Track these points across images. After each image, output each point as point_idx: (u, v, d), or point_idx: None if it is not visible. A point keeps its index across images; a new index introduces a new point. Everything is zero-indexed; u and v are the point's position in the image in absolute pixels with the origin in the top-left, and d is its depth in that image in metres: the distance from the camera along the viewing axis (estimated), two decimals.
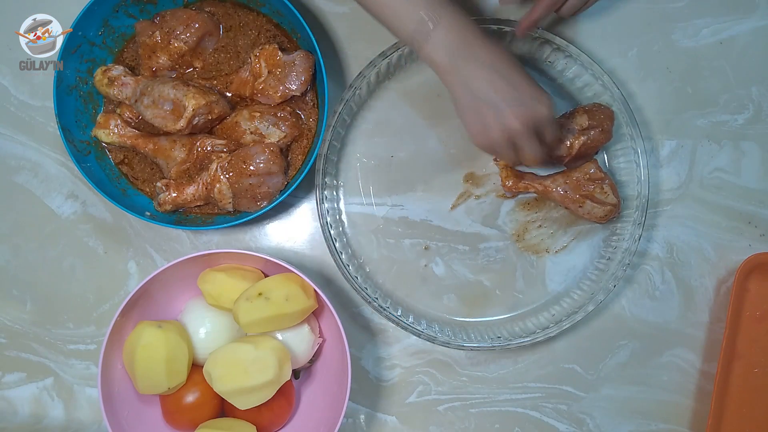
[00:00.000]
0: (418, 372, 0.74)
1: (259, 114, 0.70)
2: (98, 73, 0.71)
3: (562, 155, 0.71)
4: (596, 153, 0.73)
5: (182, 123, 0.68)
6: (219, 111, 0.70)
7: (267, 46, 0.70)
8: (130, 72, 0.72)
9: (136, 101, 0.70)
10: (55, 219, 0.75)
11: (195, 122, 0.69)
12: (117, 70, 0.71)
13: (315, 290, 0.65)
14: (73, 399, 0.74)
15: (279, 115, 0.71)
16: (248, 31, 0.73)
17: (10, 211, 0.75)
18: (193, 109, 0.68)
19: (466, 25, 0.59)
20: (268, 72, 0.70)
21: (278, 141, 0.70)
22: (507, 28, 0.70)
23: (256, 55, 0.71)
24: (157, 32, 0.71)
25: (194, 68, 0.73)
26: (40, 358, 0.74)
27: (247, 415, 0.65)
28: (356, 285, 0.69)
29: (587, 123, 0.69)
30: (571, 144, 0.69)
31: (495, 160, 0.73)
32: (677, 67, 0.76)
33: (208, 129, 0.72)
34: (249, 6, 0.73)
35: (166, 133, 0.72)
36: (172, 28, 0.71)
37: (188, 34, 0.71)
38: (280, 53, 0.70)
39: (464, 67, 0.58)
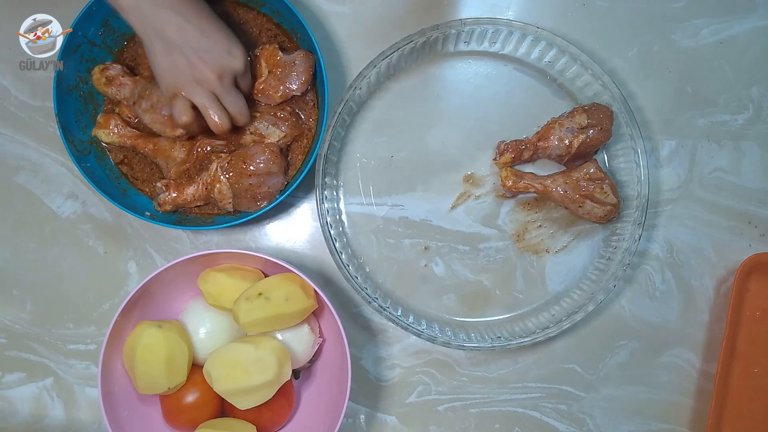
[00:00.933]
0: (418, 372, 0.74)
1: (259, 114, 0.70)
2: (96, 72, 0.71)
3: (562, 155, 0.71)
4: (596, 152, 0.73)
5: (180, 131, 0.69)
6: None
7: (267, 46, 0.70)
8: (128, 72, 0.72)
9: (134, 103, 0.70)
10: (55, 219, 0.75)
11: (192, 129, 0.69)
12: (115, 69, 0.71)
13: (315, 290, 0.65)
14: (73, 399, 0.74)
15: (279, 115, 0.71)
16: (249, 30, 0.73)
17: (10, 211, 0.75)
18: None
19: None
20: (269, 72, 0.70)
21: (278, 141, 0.70)
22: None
23: (256, 55, 0.71)
24: None
25: None
26: (40, 358, 0.74)
27: (247, 415, 0.65)
28: (356, 285, 0.69)
29: (586, 122, 0.69)
30: (570, 143, 0.69)
31: (494, 159, 0.73)
32: (677, 67, 0.76)
33: (207, 130, 0.72)
34: (249, 5, 0.73)
35: None
36: None
37: None
38: (280, 53, 0.70)
39: (150, 10, 0.58)
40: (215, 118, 0.64)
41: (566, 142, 0.70)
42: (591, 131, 0.69)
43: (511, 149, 0.71)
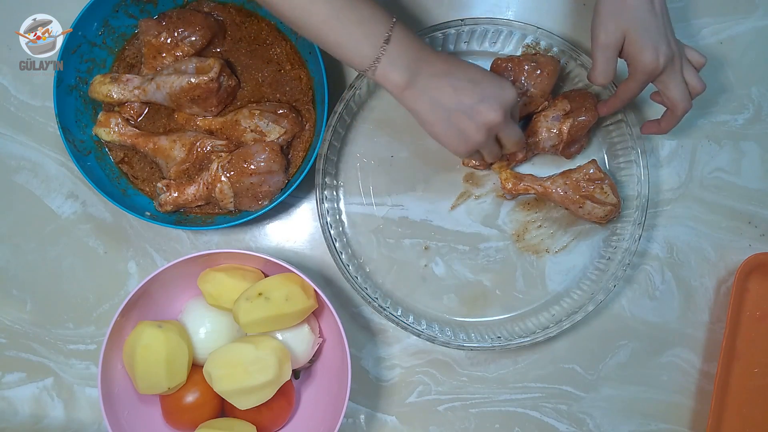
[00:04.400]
0: (418, 372, 0.74)
1: (258, 112, 0.70)
2: (97, 78, 0.71)
3: (555, 144, 0.71)
4: (588, 135, 0.73)
5: (213, 73, 0.68)
6: (234, 83, 0.71)
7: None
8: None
9: (152, 79, 0.70)
10: (55, 219, 0.75)
11: (221, 81, 0.69)
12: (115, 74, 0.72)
13: (315, 290, 0.65)
14: (73, 399, 0.74)
15: (279, 112, 0.71)
16: (249, 34, 0.74)
17: (10, 211, 0.75)
18: (219, 67, 0.68)
19: (413, 38, 0.58)
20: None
21: (278, 138, 0.70)
22: (504, 29, 0.70)
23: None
24: (164, 33, 0.71)
25: None
26: (40, 358, 0.74)
27: (247, 415, 0.65)
28: (356, 285, 0.69)
29: (569, 106, 0.69)
30: (559, 130, 0.69)
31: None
32: None
33: (223, 103, 0.72)
34: (248, 8, 0.73)
35: (167, 132, 0.72)
36: (180, 30, 0.70)
37: (195, 38, 0.71)
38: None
39: (423, 82, 0.57)
40: (494, 157, 0.65)
41: (555, 131, 0.70)
42: (576, 114, 0.69)
43: None
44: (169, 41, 0.71)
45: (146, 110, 0.73)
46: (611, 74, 0.62)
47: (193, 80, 0.68)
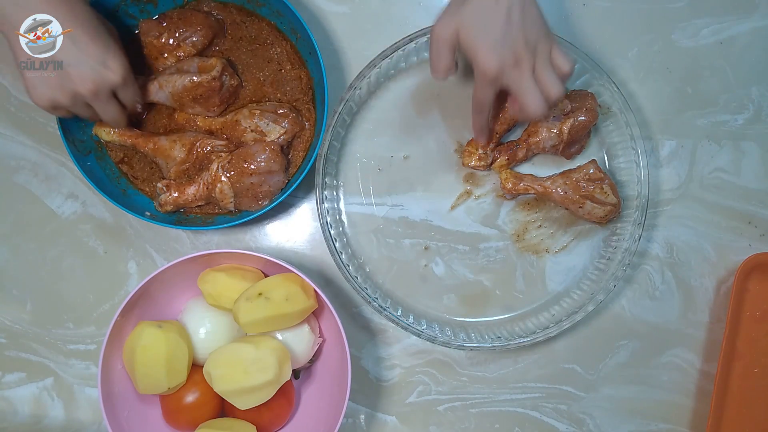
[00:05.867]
0: (418, 372, 0.74)
1: (259, 111, 0.70)
2: None
3: (556, 144, 0.71)
4: (588, 135, 0.73)
5: (215, 72, 0.68)
6: (236, 82, 0.71)
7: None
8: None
9: (154, 79, 0.70)
10: (55, 219, 0.75)
11: (224, 80, 0.69)
12: None
13: (315, 290, 0.65)
14: (73, 399, 0.74)
15: (279, 111, 0.71)
16: (250, 34, 0.74)
17: (10, 211, 0.75)
18: (222, 66, 0.68)
19: None
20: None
21: (279, 138, 0.70)
22: None
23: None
24: (165, 34, 0.71)
25: None
26: (40, 358, 0.74)
27: (247, 415, 0.65)
28: (356, 285, 0.69)
29: (569, 106, 0.69)
30: (559, 130, 0.70)
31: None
32: (677, 67, 0.76)
33: (225, 103, 0.72)
34: (248, 8, 0.73)
35: (167, 132, 0.72)
36: (181, 31, 0.70)
37: (197, 38, 0.71)
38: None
39: (12, 11, 0.54)
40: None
41: (555, 131, 0.70)
42: (577, 114, 0.69)
43: (503, 152, 0.71)
44: (171, 42, 0.71)
45: (147, 111, 0.73)
46: (442, 69, 0.59)
47: (195, 79, 0.68)
